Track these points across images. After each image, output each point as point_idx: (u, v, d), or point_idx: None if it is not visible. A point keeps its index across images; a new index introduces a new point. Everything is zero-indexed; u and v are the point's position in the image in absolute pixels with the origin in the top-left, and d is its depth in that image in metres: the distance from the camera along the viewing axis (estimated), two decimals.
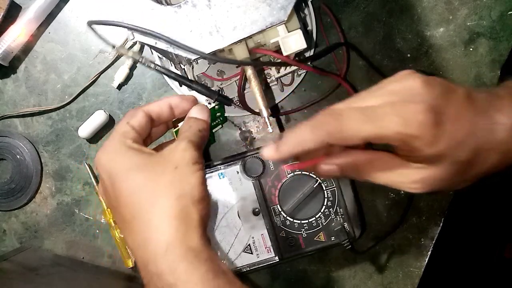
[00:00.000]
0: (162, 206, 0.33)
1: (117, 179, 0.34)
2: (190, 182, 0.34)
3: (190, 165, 0.34)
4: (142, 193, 0.33)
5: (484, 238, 1.01)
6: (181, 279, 0.31)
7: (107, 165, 0.35)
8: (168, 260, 0.31)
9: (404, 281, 0.52)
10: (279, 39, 0.37)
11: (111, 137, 0.37)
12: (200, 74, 0.50)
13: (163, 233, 0.32)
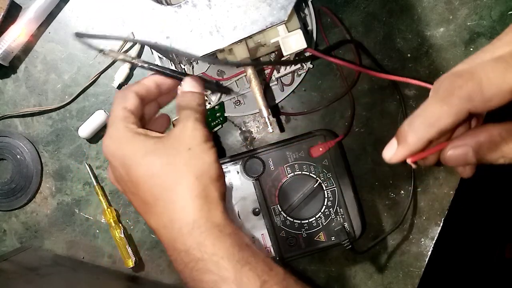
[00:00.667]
0: (184, 187, 0.34)
1: (132, 165, 0.35)
2: (205, 161, 0.35)
3: (202, 143, 0.35)
4: (162, 176, 0.34)
5: (484, 238, 1.01)
6: (208, 252, 0.32)
7: (118, 152, 0.36)
8: (195, 236, 0.33)
9: (405, 281, 0.52)
10: (279, 39, 0.37)
11: (112, 123, 0.37)
12: (201, 74, 0.50)
13: (188, 212, 0.33)
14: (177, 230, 0.33)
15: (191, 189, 0.34)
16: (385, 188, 0.52)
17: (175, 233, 0.33)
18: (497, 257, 1.03)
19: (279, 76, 0.50)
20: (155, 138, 0.36)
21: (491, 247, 1.03)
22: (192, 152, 0.35)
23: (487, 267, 1.01)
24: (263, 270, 0.32)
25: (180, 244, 0.33)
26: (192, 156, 0.34)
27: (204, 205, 0.33)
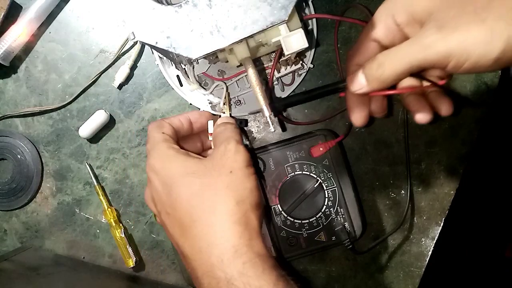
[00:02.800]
0: (223, 211, 0.32)
1: (174, 185, 0.34)
2: (246, 187, 0.33)
3: (244, 168, 0.34)
4: (201, 198, 0.33)
5: (485, 238, 1.01)
6: (251, 285, 0.30)
7: (162, 172, 0.35)
8: (236, 265, 0.31)
9: (405, 281, 0.52)
10: (280, 38, 0.37)
11: (154, 146, 0.37)
12: (201, 74, 0.50)
13: (228, 238, 0.31)
14: (216, 255, 0.31)
15: (231, 214, 0.32)
16: (386, 188, 0.52)
17: (214, 259, 0.31)
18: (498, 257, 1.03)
19: (280, 76, 0.50)
20: (198, 158, 0.36)
21: (492, 247, 1.03)
22: (234, 176, 0.33)
23: (488, 267, 1.01)
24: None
25: (220, 271, 0.31)
26: (233, 180, 0.33)
27: (245, 232, 0.32)
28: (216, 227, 0.32)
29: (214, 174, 0.34)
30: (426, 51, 0.30)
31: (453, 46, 0.29)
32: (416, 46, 0.31)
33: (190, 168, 0.34)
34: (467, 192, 0.56)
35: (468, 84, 0.51)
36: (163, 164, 0.35)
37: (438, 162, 0.52)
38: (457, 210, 0.54)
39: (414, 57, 0.31)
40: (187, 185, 0.34)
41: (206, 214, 0.32)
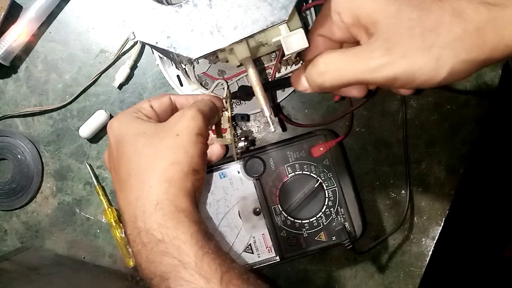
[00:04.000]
0: (157, 168, 0.33)
1: (123, 142, 0.35)
2: (188, 152, 0.34)
3: (192, 134, 0.35)
4: (140, 155, 0.34)
5: (485, 238, 1.01)
6: (169, 235, 0.31)
7: (116, 130, 0.36)
8: (156, 217, 0.32)
9: (405, 281, 0.52)
10: (280, 38, 0.37)
11: (128, 109, 0.38)
12: (201, 74, 0.50)
13: (153, 192, 0.33)
14: (139, 207, 0.33)
15: (163, 172, 0.33)
16: (386, 188, 0.52)
17: (138, 211, 0.33)
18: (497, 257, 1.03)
19: (280, 76, 0.50)
20: (154, 123, 0.37)
21: (492, 247, 1.03)
22: (179, 139, 0.34)
23: (488, 267, 1.01)
24: (225, 261, 0.32)
25: (141, 222, 0.32)
26: (176, 143, 0.34)
27: (172, 189, 0.33)
28: (146, 182, 0.33)
29: (161, 135, 0.35)
30: (372, 74, 0.30)
31: (399, 72, 0.29)
32: (362, 66, 0.31)
33: (142, 129, 0.36)
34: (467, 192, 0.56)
35: (468, 84, 0.51)
36: (120, 124, 0.37)
37: (438, 162, 0.52)
38: (457, 210, 0.54)
39: (359, 76, 0.31)
40: (133, 143, 0.35)
41: (141, 170, 0.34)
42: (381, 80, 0.30)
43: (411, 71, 0.29)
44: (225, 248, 0.48)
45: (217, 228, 0.48)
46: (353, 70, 0.31)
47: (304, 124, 0.52)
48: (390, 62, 0.29)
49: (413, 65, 0.29)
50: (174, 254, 0.31)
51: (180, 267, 0.31)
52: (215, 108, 0.40)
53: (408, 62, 0.29)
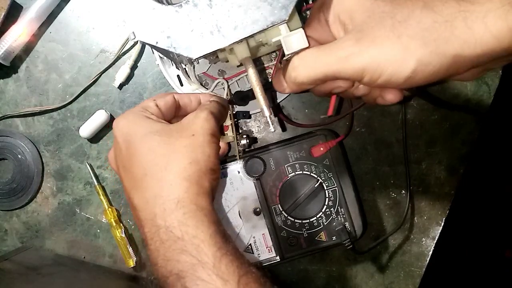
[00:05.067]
0: (175, 167, 0.33)
1: (134, 141, 0.35)
2: (205, 152, 0.34)
3: (207, 135, 0.35)
4: (157, 153, 0.34)
5: (485, 238, 1.01)
6: (189, 233, 0.31)
7: (125, 129, 0.36)
8: (177, 215, 0.32)
9: (406, 281, 0.52)
10: (281, 38, 0.37)
11: (133, 108, 0.38)
12: (201, 74, 0.50)
13: (174, 191, 0.32)
14: (159, 206, 0.32)
15: (182, 171, 0.33)
16: (386, 187, 0.52)
17: (157, 209, 0.32)
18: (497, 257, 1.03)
19: None
20: (166, 123, 0.36)
21: (492, 247, 1.03)
22: (195, 139, 0.34)
23: (488, 267, 1.01)
24: (243, 264, 0.31)
25: (161, 220, 0.32)
26: (193, 142, 0.34)
27: (192, 188, 0.33)
28: (164, 181, 0.33)
29: (176, 135, 0.35)
30: (341, 64, 0.30)
31: (367, 62, 0.29)
32: (332, 57, 0.31)
33: (154, 127, 0.35)
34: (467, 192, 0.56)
35: (469, 84, 0.51)
36: (128, 122, 0.36)
37: (439, 162, 0.52)
38: (457, 210, 0.54)
39: (329, 67, 0.31)
40: (146, 141, 0.35)
41: (158, 168, 0.34)
42: (351, 71, 0.30)
43: (378, 61, 0.29)
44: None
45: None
46: (324, 62, 0.31)
47: (304, 124, 0.52)
48: (358, 51, 0.29)
49: (381, 53, 0.29)
50: (192, 253, 0.31)
51: (198, 266, 0.30)
52: (223, 110, 0.40)
53: (376, 51, 0.29)
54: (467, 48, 0.27)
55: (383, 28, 0.29)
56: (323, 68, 0.31)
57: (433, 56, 0.28)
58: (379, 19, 0.29)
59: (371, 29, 0.29)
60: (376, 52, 0.29)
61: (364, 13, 0.30)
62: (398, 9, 0.29)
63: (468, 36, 0.27)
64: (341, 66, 0.30)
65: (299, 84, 0.34)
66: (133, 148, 0.35)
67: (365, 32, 0.30)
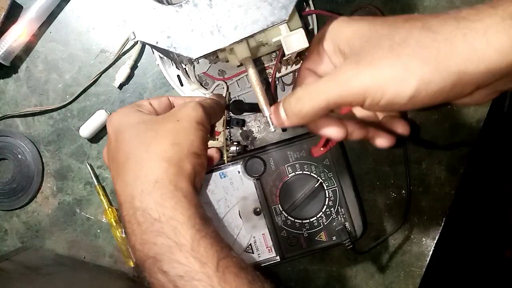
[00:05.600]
0: (156, 149, 0.33)
1: (122, 131, 0.35)
2: (188, 136, 0.34)
3: (193, 121, 0.34)
4: (140, 138, 0.34)
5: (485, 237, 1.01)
6: (166, 214, 0.30)
7: (116, 122, 0.36)
8: (154, 196, 0.31)
9: (406, 281, 0.52)
10: (281, 38, 0.37)
11: (127, 106, 0.38)
12: (201, 74, 0.50)
13: (153, 171, 0.32)
14: (137, 187, 0.32)
15: (162, 152, 0.32)
16: (386, 187, 0.52)
17: (135, 190, 0.32)
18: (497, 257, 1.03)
19: (280, 75, 0.50)
20: (155, 116, 0.37)
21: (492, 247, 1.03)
22: (179, 124, 0.34)
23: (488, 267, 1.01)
24: (222, 248, 0.31)
25: (138, 201, 0.31)
26: (177, 126, 0.34)
27: (171, 168, 0.32)
28: (144, 162, 0.33)
29: (162, 121, 0.35)
30: (342, 87, 0.29)
31: (368, 83, 0.28)
32: (333, 82, 0.30)
33: (143, 118, 0.35)
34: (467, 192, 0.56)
35: None
36: (120, 116, 0.36)
37: (439, 162, 0.52)
38: (457, 210, 0.54)
39: (331, 93, 0.30)
40: (132, 129, 0.35)
41: (139, 151, 0.33)
42: (352, 94, 0.29)
43: (378, 82, 0.28)
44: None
45: (218, 228, 0.48)
46: (326, 88, 0.30)
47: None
48: (357, 73, 0.29)
49: (381, 73, 0.28)
50: (169, 235, 0.30)
51: (175, 248, 0.30)
52: (215, 106, 0.39)
53: (376, 71, 0.28)
54: (470, 65, 0.26)
55: (381, 50, 0.28)
56: (326, 95, 0.30)
57: (435, 74, 0.27)
58: (377, 42, 0.29)
59: (369, 52, 0.29)
60: (376, 72, 0.28)
61: (362, 38, 0.30)
62: (396, 31, 0.29)
63: (470, 53, 0.26)
64: (342, 90, 0.29)
65: (303, 116, 0.32)
66: (120, 137, 0.35)
67: (364, 55, 0.29)
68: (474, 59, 0.26)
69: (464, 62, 0.26)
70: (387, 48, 0.28)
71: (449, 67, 0.27)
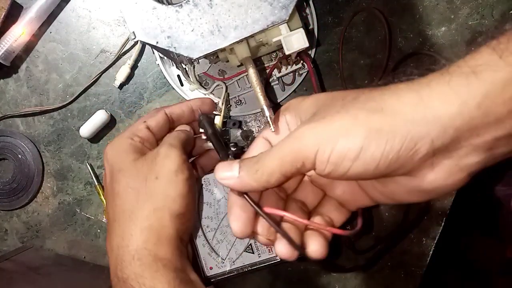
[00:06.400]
0: (138, 217, 0.33)
1: (113, 177, 0.36)
2: (169, 195, 0.34)
3: (171, 174, 0.34)
4: (123, 198, 0.34)
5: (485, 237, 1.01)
6: (146, 284, 0.31)
7: (110, 160, 0.37)
8: (134, 266, 0.32)
9: (406, 281, 0.52)
10: (281, 38, 0.37)
11: (123, 131, 0.38)
12: (202, 74, 0.50)
13: (133, 242, 0.33)
14: (119, 257, 0.33)
15: (144, 220, 0.33)
16: None
17: (118, 260, 0.33)
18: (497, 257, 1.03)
19: (280, 75, 0.50)
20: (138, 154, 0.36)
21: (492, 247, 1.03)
22: (158, 183, 0.34)
23: (488, 267, 1.01)
24: None
25: (120, 271, 0.33)
26: (157, 187, 0.34)
27: (152, 237, 0.33)
28: (127, 230, 0.33)
29: (141, 177, 0.35)
30: (294, 143, 0.28)
31: (319, 136, 0.27)
32: (286, 139, 0.29)
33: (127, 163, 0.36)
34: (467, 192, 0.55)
35: None
36: (113, 153, 0.37)
37: None
38: (458, 210, 0.53)
39: (284, 150, 0.29)
40: (119, 182, 0.35)
41: (124, 216, 0.34)
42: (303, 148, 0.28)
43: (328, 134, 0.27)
44: (226, 248, 0.48)
45: (218, 228, 0.48)
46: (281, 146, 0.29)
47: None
48: (309, 128, 0.28)
49: (331, 126, 0.27)
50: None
51: None
52: (189, 137, 0.40)
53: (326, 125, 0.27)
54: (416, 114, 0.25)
55: (334, 108, 0.28)
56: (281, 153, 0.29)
57: (383, 123, 0.25)
58: (331, 103, 0.30)
59: (323, 111, 0.29)
60: (326, 126, 0.27)
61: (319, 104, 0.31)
62: (350, 93, 0.29)
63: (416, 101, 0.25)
64: (293, 145, 0.28)
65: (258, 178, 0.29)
66: (110, 186, 0.36)
67: (318, 114, 0.29)
68: (420, 108, 0.25)
69: (411, 111, 0.25)
70: (339, 106, 0.28)
71: (396, 116, 0.25)
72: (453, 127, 0.24)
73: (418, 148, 0.25)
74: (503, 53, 0.23)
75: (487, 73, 0.23)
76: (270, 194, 0.34)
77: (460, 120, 0.24)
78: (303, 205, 0.35)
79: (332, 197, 0.35)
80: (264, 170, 0.29)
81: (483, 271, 1.01)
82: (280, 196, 0.35)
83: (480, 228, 0.99)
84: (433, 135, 0.25)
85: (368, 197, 0.32)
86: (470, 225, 0.94)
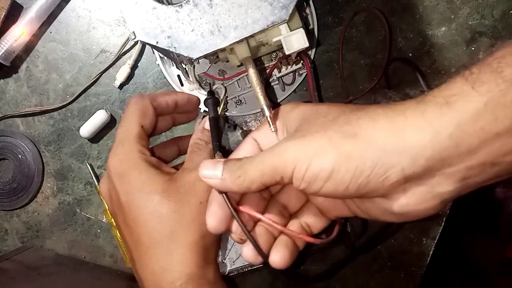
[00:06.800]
0: (184, 242, 0.33)
1: (136, 199, 0.34)
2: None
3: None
4: (165, 223, 0.33)
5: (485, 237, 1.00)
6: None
7: (125, 178, 0.34)
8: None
9: (406, 281, 0.52)
10: (281, 38, 0.37)
11: (124, 141, 0.36)
12: (202, 74, 0.50)
13: (183, 266, 0.33)
14: (167, 280, 0.33)
15: (193, 245, 0.33)
16: None
17: (165, 283, 0.33)
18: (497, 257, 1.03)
19: (281, 75, 0.50)
20: (167, 176, 0.35)
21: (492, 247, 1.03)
22: (203, 208, 0.33)
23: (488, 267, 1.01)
24: None
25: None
26: (202, 212, 0.33)
27: (201, 262, 0.33)
28: (173, 254, 0.33)
29: (184, 200, 0.34)
30: (275, 158, 0.29)
31: (297, 153, 0.28)
32: (269, 153, 0.30)
33: (158, 185, 0.34)
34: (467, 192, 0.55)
35: None
36: (128, 170, 0.34)
37: None
38: (457, 210, 0.53)
39: (265, 163, 0.29)
40: (153, 205, 0.33)
41: (166, 240, 0.33)
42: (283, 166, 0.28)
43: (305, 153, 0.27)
44: (226, 248, 0.48)
45: None
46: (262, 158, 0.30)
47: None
48: (290, 145, 0.29)
49: (309, 145, 0.28)
50: None
51: None
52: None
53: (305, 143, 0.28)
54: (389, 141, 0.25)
55: (315, 126, 0.29)
56: (262, 165, 0.29)
57: (355, 150, 0.26)
58: (313, 119, 0.30)
59: (305, 128, 0.30)
60: (305, 144, 0.28)
61: (303, 118, 0.31)
62: (332, 110, 0.30)
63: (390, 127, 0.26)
64: (276, 161, 0.29)
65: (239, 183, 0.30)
66: (135, 208, 0.34)
67: (300, 130, 0.30)
68: (393, 136, 0.25)
69: (384, 139, 0.26)
70: (320, 124, 0.29)
71: (368, 143, 0.26)
72: (424, 157, 0.25)
73: (388, 175, 0.26)
74: (475, 83, 0.24)
75: (460, 103, 0.24)
76: (253, 194, 0.34)
77: (431, 150, 0.24)
78: (284, 209, 0.35)
79: (314, 203, 0.35)
80: (246, 178, 0.30)
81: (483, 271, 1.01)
82: (264, 196, 0.35)
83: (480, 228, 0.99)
84: (403, 164, 0.25)
85: (347, 208, 0.33)
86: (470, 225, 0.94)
